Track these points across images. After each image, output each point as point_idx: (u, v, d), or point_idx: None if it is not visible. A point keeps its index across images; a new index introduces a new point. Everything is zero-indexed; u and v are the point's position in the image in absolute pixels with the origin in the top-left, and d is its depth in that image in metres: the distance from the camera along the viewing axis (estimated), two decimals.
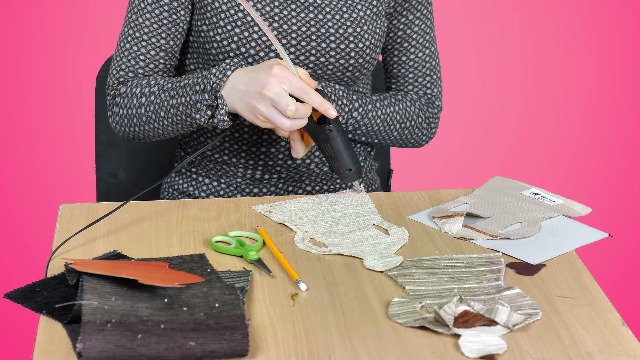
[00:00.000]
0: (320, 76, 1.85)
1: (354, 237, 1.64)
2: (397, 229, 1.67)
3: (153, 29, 1.83)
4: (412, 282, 1.51)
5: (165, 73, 1.86)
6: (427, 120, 1.97)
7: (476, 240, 1.64)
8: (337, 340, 1.38)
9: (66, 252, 1.59)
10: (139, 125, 1.82)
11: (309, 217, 1.70)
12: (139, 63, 1.84)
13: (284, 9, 1.82)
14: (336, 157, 1.72)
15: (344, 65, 1.84)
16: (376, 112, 1.87)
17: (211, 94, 1.70)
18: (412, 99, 1.95)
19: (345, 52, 1.83)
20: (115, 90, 1.85)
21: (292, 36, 1.81)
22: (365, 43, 1.84)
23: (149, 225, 1.67)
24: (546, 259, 1.59)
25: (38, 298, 1.45)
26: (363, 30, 1.84)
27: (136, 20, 1.83)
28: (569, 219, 1.72)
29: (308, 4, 1.82)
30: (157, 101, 1.78)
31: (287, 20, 1.82)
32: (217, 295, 1.43)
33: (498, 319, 1.40)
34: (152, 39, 1.83)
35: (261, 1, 1.81)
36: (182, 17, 1.83)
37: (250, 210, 1.74)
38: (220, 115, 1.70)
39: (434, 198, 1.79)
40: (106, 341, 1.31)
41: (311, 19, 1.82)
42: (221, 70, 1.70)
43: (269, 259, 1.58)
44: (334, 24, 1.83)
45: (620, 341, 1.39)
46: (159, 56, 1.84)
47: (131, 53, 1.84)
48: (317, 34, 1.82)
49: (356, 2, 1.85)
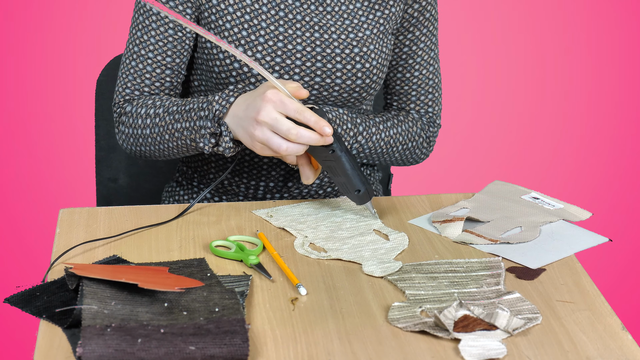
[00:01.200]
0: (326, 97, 1.82)
1: (354, 242, 1.64)
2: (398, 234, 1.67)
3: (158, 47, 1.80)
4: (412, 287, 1.51)
5: (171, 91, 1.83)
6: (427, 140, 1.94)
7: (476, 244, 1.64)
8: (337, 345, 1.38)
9: (66, 256, 1.59)
10: (145, 145, 1.79)
11: (310, 221, 1.70)
12: (144, 81, 1.81)
13: (289, 28, 1.78)
14: (343, 179, 1.66)
15: (351, 86, 1.81)
16: (380, 134, 1.84)
17: (214, 121, 1.66)
18: (413, 119, 1.92)
19: (352, 72, 1.80)
20: (121, 109, 1.83)
21: (297, 56, 1.78)
22: (372, 63, 1.81)
23: (149, 229, 1.67)
24: (546, 263, 1.59)
25: (38, 302, 1.45)
26: (369, 50, 1.81)
27: (141, 38, 1.80)
28: (568, 224, 1.72)
29: (313, 24, 1.79)
30: (162, 124, 1.75)
31: (292, 40, 1.78)
32: (217, 300, 1.43)
33: (498, 324, 1.40)
34: (157, 57, 1.80)
35: (266, 20, 1.78)
36: (187, 34, 1.80)
37: (250, 214, 1.74)
38: (225, 143, 1.66)
39: (434, 202, 1.79)
40: (106, 345, 1.31)
41: (316, 38, 1.79)
42: (224, 97, 1.66)
43: (268, 263, 1.58)
44: (340, 44, 1.80)
45: (620, 346, 1.39)
46: (164, 74, 1.81)
47: (137, 71, 1.81)
48: (322, 54, 1.79)
49: (362, 20, 1.82)
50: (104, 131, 2.09)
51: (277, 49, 1.78)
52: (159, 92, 1.82)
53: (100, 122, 2.09)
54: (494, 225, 1.70)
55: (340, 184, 1.67)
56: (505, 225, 1.69)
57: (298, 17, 1.79)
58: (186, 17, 1.79)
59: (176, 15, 1.60)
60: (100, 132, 2.09)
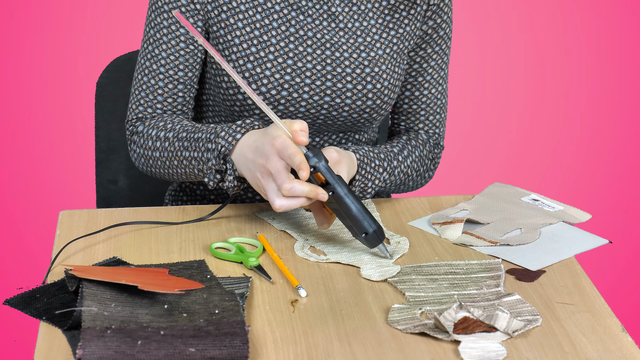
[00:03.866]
0: (336, 117, 1.78)
1: (354, 246, 1.64)
2: (399, 238, 1.67)
3: (170, 61, 1.77)
4: (412, 289, 1.51)
5: (184, 106, 1.80)
6: (433, 162, 1.91)
7: (476, 246, 1.64)
8: (337, 347, 1.38)
9: (66, 258, 1.59)
10: (155, 167, 1.77)
11: (312, 224, 1.70)
12: (157, 97, 1.78)
13: (299, 45, 1.74)
14: (349, 222, 1.58)
15: (361, 107, 1.77)
16: (400, 167, 1.79)
17: (219, 159, 1.63)
18: (423, 141, 1.87)
19: (362, 93, 1.76)
20: (133, 127, 1.80)
21: (307, 74, 1.74)
22: (384, 84, 1.77)
23: (148, 231, 1.67)
24: (546, 265, 1.59)
25: (38, 304, 1.45)
26: (381, 70, 1.76)
27: (152, 52, 1.77)
28: (568, 225, 1.72)
29: (325, 41, 1.75)
30: (171, 149, 1.71)
31: (302, 58, 1.75)
32: (217, 302, 1.43)
33: (498, 325, 1.40)
34: (169, 72, 1.77)
35: (275, 36, 1.74)
36: (199, 46, 1.77)
37: (251, 216, 1.74)
38: (229, 182, 1.63)
39: (434, 204, 1.79)
40: (106, 347, 1.31)
41: (327, 56, 1.75)
42: (231, 133, 1.61)
43: (268, 265, 1.58)
44: (351, 63, 1.75)
45: (620, 347, 1.39)
46: (177, 89, 1.78)
47: (149, 87, 1.78)
48: (332, 73, 1.75)
49: (375, 39, 1.78)
50: (104, 133, 2.09)
51: (287, 66, 1.74)
52: (172, 109, 1.79)
53: (100, 124, 2.08)
54: (493, 227, 1.70)
55: (349, 227, 1.60)
56: (505, 227, 1.69)
57: (309, 34, 1.76)
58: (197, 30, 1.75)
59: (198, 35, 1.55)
60: (100, 134, 2.09)
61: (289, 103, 1.75)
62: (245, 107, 1.76)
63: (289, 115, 1.77)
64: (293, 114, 1.76)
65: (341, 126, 1.81)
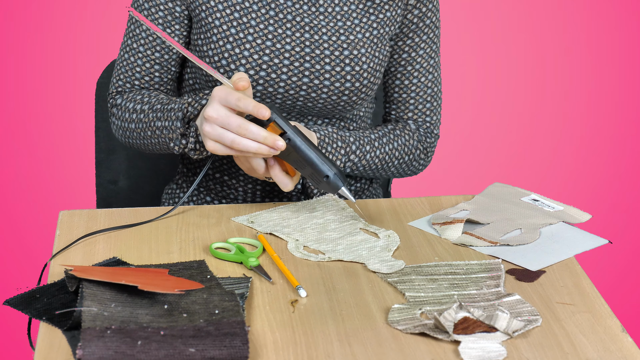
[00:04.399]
0: (315, 99, 1.81)
1: (346, 243, 1.64)
2: (386, 232, 1.67)
3: (148, 42, 1.83)
4: (412, 289, 1.51)
5: (161, 86, 1.86)
6: (425, 151, 1.93)
7: (476, 246, 1.64)
8: (337, 347, 1.38)
9: (66, 258, 1.59)
10: (132, 138, 1.82)
11: (293, 225, 1.70)
12: (135, 75, 1.85)
13: (279, 27, 1.78)
14: (310, 169, 1.61)
15: (339, 88, 1.80)
16: (375, 152, 1.83)
17: (184, 122, 1.70)
18: (410, 130, 1.90)
19: (341, 74, 1.79)
20: (113, 99, 1.86)
21: (285, 56, 1.78)
22: (363, 66, 1.80)
23: (148, 231, 1.67)
24: (546, 265, 1.60)
25: (38, 304, 1.45)
26: (360, 53, 1.80)
27: (134, 31, 1.84)
28: (568, 226, 1.72)
29: (304, 24, 1.79)
30: (146, 120, 1.77)
31: (281, 40, 1.78)
32: (217, 302, 1.43)
33: (498, 326, 1.40)
34: (147, 52, 1.83)
35: (255, 18, 1.78)
36: (176, 31, 1.82)
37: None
38: (190, 144, 1.69)
39: (434, 204, 1.79)
40: (106, 347, 1.31)
41: (306, 39, 1.79)
42: (197, 100, 1.69)
43: (268, 265, 1.58)
44: (330, 46, 1.79)
45: (620, 348, 1.39)
46: (153, 69, 1.84)
47: (129, 64, 1.85)
48: (311, 54, 1.78)
49: (355, 23, 1.81)
50: (104, 133, 2.09)
51: (266, 47, 1.78)
52: (148, 87, 1.85)
53: (100, 124, 2.08)
54: (493, 227, 1.70)
55: (310, 177, 1.63)
56: (505, 227, 1.69)
57: (289, 17, 1.79)
58: (175, 14, 1.81)
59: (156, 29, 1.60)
60: (100, 134, 2.09)
61: (268, 84, 1.79)
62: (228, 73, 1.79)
63: (268, 96, 1.80)
64: (272, 94, 1.80)
65: (322, 109, 1.83)
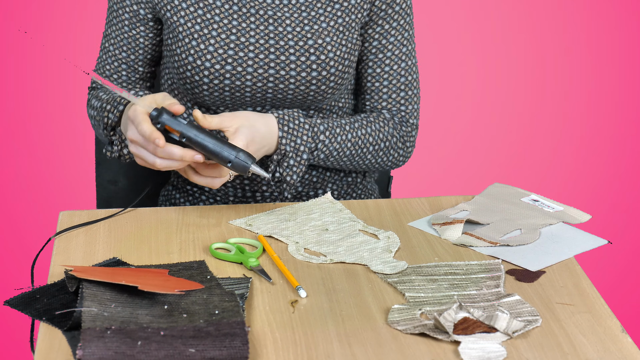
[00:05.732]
0: (284, 90, 1.82)
1: (347, 245, 1.64)
2: (385, 233, 1.67)
3: (117, 41, 1.88)
4: (412, 289, 1.51)
5: (129, 85, 1.90)
6: (402, 140, 1.90)
7: (476, 247, 1.64)
8: (337, 347, 1.38)
9: (66, 258, 1.59)
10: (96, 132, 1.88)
11: (292, 227, 1.70)
12: (105, 73, 1.90)
13: (243, 21, 1.81)
14: (213, 157, 1.64)
15: (306, 78, 1.80)
16: (345, 135, 1.82)
17: (107, 130, 1.78)
18: (384, 118, 1.89)
19: (306, 64, 1.80)
20: (90, 95, 1.92)
21: (250, 49, 1.80)
22: (328, 55, 1.80)
23: (148, 232, 1.67)
24: (546, 265, 1.60)
25: (38, 305, 1.45)
26: (325, 42, 1.81)
27: (107, 31, 1.90)
28: (568, 226, 1.72)
29: (268, 17, 1.81)
30: (98, 118, 1.83)
31: (246, 33, 1.80)
32: (217, 302, 1.43)
33: (498, 326, 1.40)
34: (115, 51, 1.88)
35: (219, 14, 1.80)
36: (141, 32, 1.86)
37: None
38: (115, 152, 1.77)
39: (434, 205, 1.79)
40: (106, 348, 1.31)
41: (270, 31, 1.80)
42: (115, 106, 1.76)
43: (268, 265, 1.58)
44: (294, 36, 1.80)
45: (620, 348, 1.39)
46: (121, 68, 1.89)
47: (102, 61, 1.91)
48: (276, 46, 1.80)
49: (320, 13, 1.82)
50: None
51: (230, 41, 1.80)
52: (117, 85, 1.89)
53: None
54: (493, 227, 1.70)
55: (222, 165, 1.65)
56: (505, 228, 1.69)
57: (252, 11, 1.81)
58: (140, 16, 1.85)
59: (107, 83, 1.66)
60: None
61: (235, 77, 1.80)
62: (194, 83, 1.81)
63: (237, 90, 1.82)
64: (240, 88, 1.81)
65: (293, 100, 1.84)
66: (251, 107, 1.83)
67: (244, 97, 1.82)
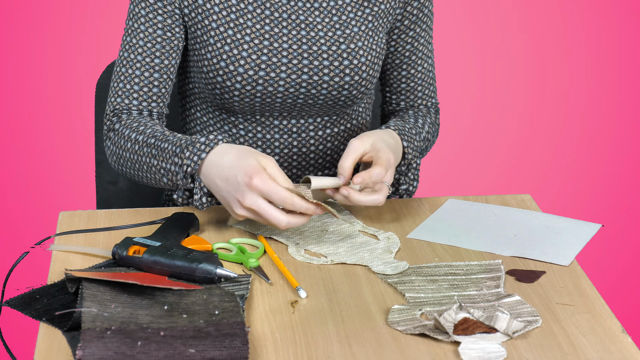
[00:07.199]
0: (316, 96, 1.81)
1: (347, 245, 1.64)
2: (385, 233, 1.67)
3: (147, 48, 1.79)
4: (412, 290, 1.51)
5: (159, 97, 1.81)
6: (436, 125, 1.96)
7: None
8: (337, 348, 1.38)
9: (66, 259, 1.59)
10: (126, 167, 1.78)
11: (291, 228, 1.69)
12: (133, 87, 1.80)
13: (275, 26, 1.79)
14: (182, 272, 1.52)
15: (339, 83, 1.80)
16: (422, 132, 1.85)
17: (186, 179, 1.66)
18: (427, 112, 1.94)
19: (339, 69, 1.80)
20: (111, 122, 1.81)
21: (283, 54, 1.79)
22: (361, 59, 1.81)
23: (149, 232, 1.67)
24: (575, 255, 1.60)
25: (38, 305, 1.45)
26: (357, 46, 1.81)
27: (130, 42, 1.80)
28: (555, 216, 1.72)
29: (300, 22, 1.80)
30: (141, 153, 1.72)
31: (278, 39, 1.79)
32: (217, 303, 1.43)
33: (498, 326, 1.40)
34: (145, 59, 1.79)
35: (251, 19, 1.79)
36: (176, 34, 1.81)
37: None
38: (197, 201, 1.65)
39: (434, 205, 1.79)
40: (106, 348, 1.31)
41: (303, 36, 1.79)
42: (195, 152, 1.64)
43: (269, 266, 1.58)
44: (327, 41, 1.80)
45: (620, 348, 1.39)
46: (152, 77, 1.80)
47: (126, 77, 1.80)
48: (309, 51, 1.79)
49: (350, 17, 1.82)
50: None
51: (263, 47, 1.78)
52: (147, 98, 1.80)
53: (100, 125, 2.08)
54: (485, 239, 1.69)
55: None
56: (497, 237, 1.69)
57: (284, 15, 1.80)
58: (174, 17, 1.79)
59: None
60: (100, 135, 2.08)
61: (267, 83, 1.79)
62: (225, 89, 1.79)
63: (268, 96, 1.80)
64: (272, 93, 1.80)
65: (323, 106, 1.84)
66: (278, 113, 1.82)
67: (274, 103, 1.81)
